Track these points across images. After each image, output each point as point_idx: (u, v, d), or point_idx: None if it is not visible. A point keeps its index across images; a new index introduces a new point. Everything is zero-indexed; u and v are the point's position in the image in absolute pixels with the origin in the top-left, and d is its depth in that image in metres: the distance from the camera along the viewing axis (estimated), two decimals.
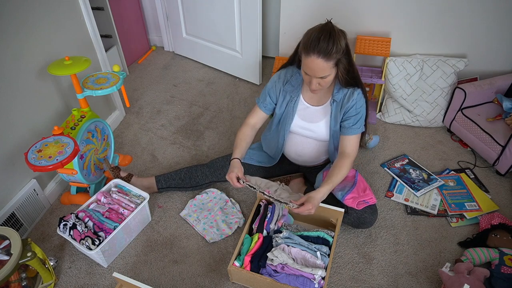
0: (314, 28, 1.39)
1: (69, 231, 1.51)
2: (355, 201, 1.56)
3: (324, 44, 1.33)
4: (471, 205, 1.78)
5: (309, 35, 1.38)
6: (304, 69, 1.42)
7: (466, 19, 2.11)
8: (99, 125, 1.81)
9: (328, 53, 1.34)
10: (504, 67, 2.22)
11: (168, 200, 1.89)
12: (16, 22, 1.54)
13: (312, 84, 1.44)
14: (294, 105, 1.62)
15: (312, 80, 1.42)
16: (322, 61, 1.35)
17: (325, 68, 1.37)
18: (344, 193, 1.59)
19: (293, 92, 1.61)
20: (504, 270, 1.45)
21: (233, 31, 2.57)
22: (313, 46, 1.34)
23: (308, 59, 1.37)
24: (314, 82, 1.43)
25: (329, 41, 1.33)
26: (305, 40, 1.38)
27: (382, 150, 2.15)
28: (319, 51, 1.33)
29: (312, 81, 1.43)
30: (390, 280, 1.54)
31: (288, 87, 1.61)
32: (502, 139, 1.89)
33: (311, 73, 1.40)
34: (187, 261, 1.62)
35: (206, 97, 2.64)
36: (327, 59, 1.35)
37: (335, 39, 1.34)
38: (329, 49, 1.33)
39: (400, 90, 2.23)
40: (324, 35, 1.33)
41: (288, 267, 1.41)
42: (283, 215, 1.63)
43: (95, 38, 2.04)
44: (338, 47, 1.35)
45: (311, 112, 1.62)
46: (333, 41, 1.33)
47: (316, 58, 1.35)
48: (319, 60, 1.35)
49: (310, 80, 1.43)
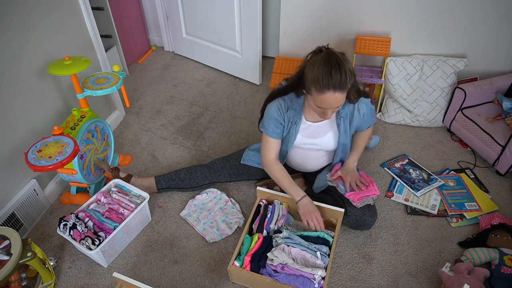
0: (318, 62, 1.31)
1: (69, 231, 1.51)
2: (357, 196, 1.56)
3: (337, 78, 1.27)
4: (471, 205, 1.78)
5: (316, 71, 1.29)
6: (318, 104, 1.36)
7: (466, 19, 2.11)
8: (99, 125, 1.81)
9: (344, 85, 1.29)
10: (504, 67, 2.22)
11: (168, 200, 1.89)
12: (16, 22, 1.54)
13: (328, 115, 1.40)
14: (296, 127, 1.58)
15: (328, 112, 1.38)
16: (339, 94, 1.30)
17: (342, 99, 1.34)
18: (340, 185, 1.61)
19: (296, 116, 1.56)
20: (504, 270, 1.45)
21: (233, 31, 2.57)
22: (327, 83, 1.28)
23: (323, 96, 1.31)
24: (330, 112, 1.39)
25: (341, 73, 1.27)
26: (315, 77, 1.30)
27: (382, 150, 2.15)
28: (335, 86, 1.28)
29: (328, 113, 1.39)
30: (390, 280, 1.54)
31: (291, 112, 1.55)
32: (502, 139, 1.89)
33: (328, 107, 1.35)
34: (187, 261, 1.62)
35: (206, 97, 2.64)
36: (343, 90, 1.31)
37: (345, 69, 1.28)
38: (343, 80, 1.28)
39: (400, 90, 2.23)
40: (334, 68, 1.27)
41: (288, 267, 1.41)
42: (283, 215, 1.63)
43: (95, 38, 2.04)
44: (350, 75, 1.30)
45: (314, 129, 1.59)
46: (344, 71, 1.27)
47: (333, 93, 1.29)
48: (336, 94, 1.30)
49: (324, 111, 1.39)
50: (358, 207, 1.58)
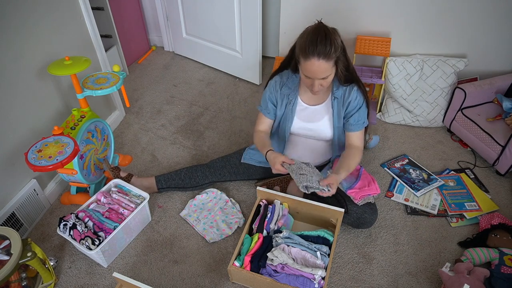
0: (307, 31, 1.39)
1: (69, 231, 1.51)
2: (358, 194, 1.57)
3: (322, 46, 1.33)
4: (471, 205, 1.78)
5: (304, 39, 1.37)
6: (305, 73, 1.42)
7: (466, 19, 2.11)
8: (99, 125, 1.81)
9: (328, 54, 1.34)
10: (504, 67, 2.22)
11: (168, 200, 1.89)
12: (16, 22, 1.54)
13: (315, 86, 1.44)
14: (292, 107, 1.62)
15: (314, 82, 1.42)
16: (323, 62, 1.35)
17: (326, 69, 1.38)
18: (348, 185, 1.61)
19: (291, 95, 1.61)
20: (504, 270, 1.45)
21: (233, 31, 2.57)
22: (312, 49, 1.34)
23: (308, 63, 1.37)
24: (317, 83, 1.43)
25: (326, 42, 1.33)
26: (302, 44, 1.37)
27: (382, 150, 2.15)
28: (319, 53, 1.34)
29: (314, 83, 1.43)
30: (390, 280, 1.54)
31: (285, 89, 1.61)
32: (502, 139, 1.89)
33: (313, 75, 1.40)
34: (187, 261, 1.62)
35: (206, 97, 2.64)
36: (328, 59, 1.35)
37: (331, 39, 1.34)
38: (328, 49, 1.34)
39: (400, 90, 2.23)
40: (320, 36, 1.34)
41: (288, 267, 1.41)
42: (283, 215, 1.63)
43: (95, 38, 2.04)
44: (336, 46, 1.36)
45: (310, 112, 1.63)
46: (330, 41, 1.34)
47: (317, 60, 1.35)
48: (319, 62, 1.35)
49: (312, 82, 1.43)
50: (359, 204, 1.59)
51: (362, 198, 1.58)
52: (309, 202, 1.61)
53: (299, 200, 1.63)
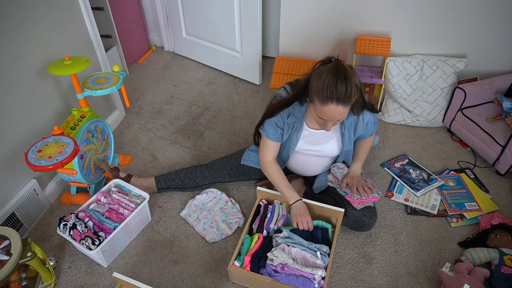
0: (325, 72, 1.27)
1: (69, 231, 1.51)
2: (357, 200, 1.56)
3: (342, 90, 1.24)
4: (471, 205, 1.78)
5: (322, 81, 1.26)
6: (320, 115, 1.34)
7: (466, 19, 2.11)
8: (99, 125, 1.81)
9: (347, 99, 1.27)
10: (504, 67, 2.22)
11: (168, 200, 1.89)
12: (16, 22, 1.54)
13: (328, 127, 1.38)
14: (298, 133, 1.56)
15: (328, 124, 1.36)
16: (341, 107, 1.28)
17: (344, 113, 1.31)
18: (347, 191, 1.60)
19: (296, 123, 1.54)
20: (504, 270, 1.45)
21: (233, 31, 2.57)
22: (330, 94, 1.25)
23: (326, 108, 1.28)
24: (331, 125, 1.37)
25: (347, 86, 1.24)
26: (320, 87, 1.27)
27: (382, 150, 2.15)
28: (338, 98, 1.25)
29: (329, 125, 1.37)
30: (390, 280, 1.54)
31: (292, 119, 1.52)
32: (502, 139, 1.89)
33: (329, 119, 1.33)
34: (187, 261, 1.62)
35: (206, 97, 2.64)
36: (347, 104, 1.29)
37: (351, 82, 1.25)
38: (348, 94, 1.25)
39: (400, 90, 2.23)
40: (340, 79, 1.24)
41: (288, 267, 1.41)
42: (283, 215, 1.63)
43: (95, 38, 2.04)
44: (355, 89, 1.27)
45: (316, 137, 1.58)
46: (350, 84, 1.24)
47: (335, 106, 1.27)
48: (338, 107, 1.28)
49: (326, 124, 1.37)
50: (358, 209, 1.58)
51: (361, 203, 1.57)
52: (309, 202, 1.61)
53: None
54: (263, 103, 2.56)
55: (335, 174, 1.66)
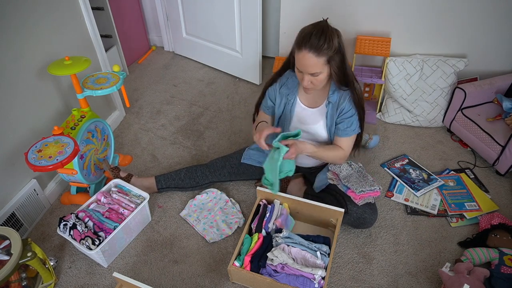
0: (308, 25, 1.41)
1: (69, 231, 1.51)
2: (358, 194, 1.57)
3: (315, 40, 1.34)
4: (471, 205, 1.78)
5: (302, 31, 1.40)
6: (297, 65, 1.44)
7: (466, 19, 2.11)
8: (99, 125, 1.81)
9: (319, 49, 1.35)
10: (504, 67, 2.22)
11: (168, 200, 1.89)
12: (16, 22, 1.54)
13: (305, 80, 1.44)
14: (291, 107, 1.63)
15: (304, 76, 1.43)
16: (312, 56, 1.36)
17: (316, 64, 1.38)
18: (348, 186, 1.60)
19: (290, 95, 1.62)
20: (504, 270, 1.45)
21: (233, 31, 2.57)
22: (305, 41, 1.36)
23: (299, 54, 1.39)
24: (306, 78, 1.44)
25: (320, 37, 1.34)
26: (298, 36, 1.41)
27: (382, 150, 2.15)
28: (311, 46, 1.35)
29: (305, 78, 1.44)
30: (390, 280, 1.54)
31: (284, 89, 1.62)
32: (502, 139, 1.89)
33: (303, 68, 1.41)
34: (187, 261, 1.62)
35: (206, 97, 2.64)
36: (318, 54, 1.36)
37: (327, 36, 1.35)
38: (320, 44, 1.34)
39: (400, 90, 2.23)
40: (317, 31, 1.36)
41: (288, 267, 1.41)
42: (281, 214, 1.63)
43: (95, 38, 2.04)
44: (330, 44, 1.36)
45: (308, 115, 1.63)
46: (324, 37, 1.35)
47: (307, 52, 1.36)
48: (309, 54, 1.36)
49: (302, 76, 1.45)
50: (359, 204, 1.59)
51: (362, 199, 1.58)
52: (309, 202, 1.61)
53: (299, 200, 1.63)
54: None
55: (334, 171, 1.66)
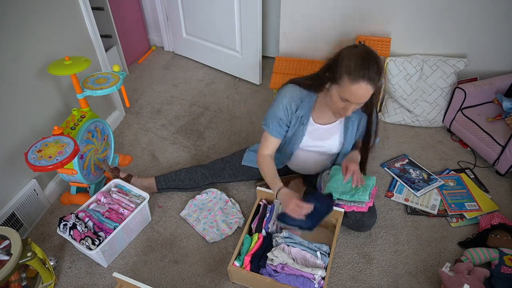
0: (356, 53, 1.30)
1: (69, 231, 1.51)
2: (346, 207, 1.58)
3: (374, 69, 1.27)
4: (471, 205, 1.78)
5: (355, 60, 1.28)
6: (345, 96, 1.32)
7: (466, 19, 2.11)
8: (99, 125, 1.81)
9: (377, 79, 1.29)
10: (504, 67, 2.22)
11: (168, 200, 1.89)
12: (16, 22, 1.54)
13: (349, 110, 1.36)
14: (304, 128, 1.56)
15: (350, 106, 1.35)
16: (369, 87, 1.29)
17: (369, 95, 1.32)
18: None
19: (304, 117, 1.54)
20: (504, 270, 1.45)
21: (233, 31, 2.57)
22: (364, 73, 1.26)
23: (355, 86, 1.28)
24: (352, 108, 1.36)
25: (378, 66, 1.28)
26: (353, 65, 1.28)
27: (382, 150, 2.15)
28: (369, 78, 1.26)
29: (350, 108, 1.36)
30: (390, 280, 1.54)
31: (300, 112, 1.52)
32: (502, 139, 1.89)
33: (355, 100, 1.32)
34: (187, 261, 1.62)
35: (206, 97, 2.64)
36: (374, 85, 1.30)
37: (380, 64, 1.29)
38: (377, 74, 1.29)
39: (400, 90, 2.23)
40: (372, 61, 1.27)
41: (288, 267, 1.41)
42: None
43: (95, 38, 2.04)
44: (382, 71, 1.31)
45: (320, 132, 1.58)
46: (379, 65, 1.28)
47: (366, 85, 1.27)
48: (367, 86, 1.28)
49: (347, 106, 1.36)
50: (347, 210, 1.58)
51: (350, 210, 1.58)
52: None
53: None
54: (263, 103, 2.56)
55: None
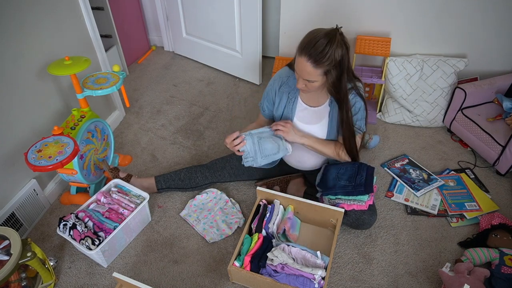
0: (318, 30, 1.37)
1: (69, 231, 1.51)
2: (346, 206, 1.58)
3: (317, 50, 1.32)
4: (471, 205, 1.78)
5: (309, 35, 1.38)
6: (294, 67, 1.44)
7: (466, 19, 2.11)
8: (99, 125, 1.81)
9: (318, 60, 1.33)
10: (504, 67, 2.22)
11: (168, 200, 1.89)
12: (16, 22, 1.54)
13: (299, 83, 1.46)
14: (292, 107, 1.61)
15: (299, 79, 1.45)
16: (310, 65, 1.35)
17: (311, 73, 1.37)
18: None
19: (291, 93, 1.60)
20: (504, 270, 1.45)
21: (233, 31, 2.57)
22: (307, 48, 1.34)
23: (299, 59, 1.38)
24: (301, 82, 1.45)
25: (324, 48, 1.31)
26: (303, 39, 1.38)
27: (382, 150, 2.15)
28: (310, 55, 1.33)
29: (299, 81, 1.45)
30: (390, 280, 1.54)
31: (285, 88, 1.61)
32: (502, 139, 1.89)
33: (298, 72, 1.42)
34: (187, 261, 1.62)
35: (206, 97, 2.64)
36: (316, 65, 1.34)
37: (330, 49, 1.31)
38: (321, 56, 1.32)
39: (400, 90, 2.23)
40: (323, 41, 1.32)
41: (288, 267, 1.41)
42: (288, 218, 1.62)
43: (95, 38, 2.04)
44: (331, 58, 1.33)
45: (309, 114, 1.62)
46: (328, 49, 1.31)
47: (306, 60, 1.35)
48: (307, 63, 1.35)
49: (297, 78, 1.46)
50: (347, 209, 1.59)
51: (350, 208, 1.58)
52: (309, 202, 1.61)
53: (299, 200, 1.63)
54: None
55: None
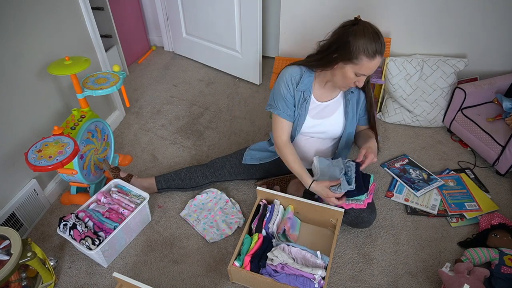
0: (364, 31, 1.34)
1: (69, 231, 1.51)
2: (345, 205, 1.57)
3: (382, 43, 1.34)
4: (471, 205, 1.78)
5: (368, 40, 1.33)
6: (361, 71, 1.38)
7: (466, 19, 2.11)
8: (99, 125, 1.81)
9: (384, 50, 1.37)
10: (504, 67, 2.22)
11: (168, 200, 1.89)
12: (16, 22, 1.54)
13: (361, 81, 1.43)
14: (306, 105, 1.58)
15: (364, 78, 1.42)
16: (380, 58, 1.37)
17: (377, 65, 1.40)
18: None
19: (306, 92, 1.56)
20: (504, 270, 1.45)
21: (233, 31, 2.57)
22: (377, 49, 1.33)
23: (372, 63, 1.35)
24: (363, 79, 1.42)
25: (383, 39, 1.35)
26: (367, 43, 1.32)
27: (382, 150, 2.15)
28: (381, 51, 1.35)
29: (363, 80, 1.42)
30: (390, 280, 1.54)
31: (301, 86, 1.55)
32: (502, 139, 1.89)
33: (370, 73, 1.40)
34: (187, 261, 1.62)
35: (206, 97, 2.64)
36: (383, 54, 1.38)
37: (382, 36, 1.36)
38: (384, 46, 1.36)
39: (400, 90, 2.23)
40: (379, 36, 1.35)
41: (288, 267, 1.41)
42: (288, 218, 1.62)
43: (95, 38, 2.04)
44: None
45: (322, 109, 1.61)
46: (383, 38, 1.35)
47: (379, 58, 1.36)
48: (380, 59, 1.36)
49: (361, 79, 1.41)
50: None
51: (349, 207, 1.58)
52: (308, 202, 1.61)
53: (299, 200, 1.63)
54: (263, 103, 2.56)
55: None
